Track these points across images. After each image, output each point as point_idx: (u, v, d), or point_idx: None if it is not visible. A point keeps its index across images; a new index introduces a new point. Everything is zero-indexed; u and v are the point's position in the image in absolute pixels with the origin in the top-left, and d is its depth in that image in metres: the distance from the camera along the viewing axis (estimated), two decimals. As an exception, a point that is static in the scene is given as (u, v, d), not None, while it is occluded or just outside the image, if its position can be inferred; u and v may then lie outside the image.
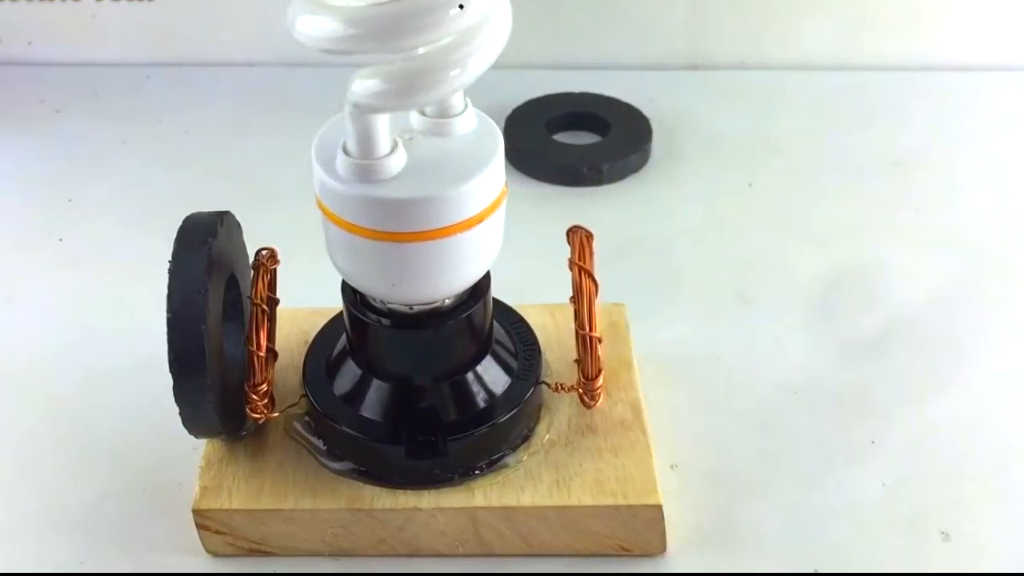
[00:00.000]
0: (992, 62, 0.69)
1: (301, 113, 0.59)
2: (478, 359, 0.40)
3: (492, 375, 0.41)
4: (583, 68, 0.70)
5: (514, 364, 0.41)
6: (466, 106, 0.36)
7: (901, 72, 0.69)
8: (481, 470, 0.39)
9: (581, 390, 0.40)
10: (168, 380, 0.36)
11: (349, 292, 0.39)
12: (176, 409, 0.37)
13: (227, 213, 0.40)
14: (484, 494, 0.39)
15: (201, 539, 0.39)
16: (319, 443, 0.41)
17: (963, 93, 0.67)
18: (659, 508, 0.38)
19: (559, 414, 0.42)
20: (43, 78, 0.70)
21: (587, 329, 0.40)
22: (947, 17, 0.68)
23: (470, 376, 0.40)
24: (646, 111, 0.64)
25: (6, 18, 0.70)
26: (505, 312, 0.44)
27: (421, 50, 0.32)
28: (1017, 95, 0.67)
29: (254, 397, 0.39)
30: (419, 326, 0.38)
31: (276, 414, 0.40)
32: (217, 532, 0.39)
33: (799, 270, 0.53)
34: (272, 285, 0.41)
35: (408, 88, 0.32)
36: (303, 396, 0.41)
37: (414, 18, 0.31)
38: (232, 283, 0.40)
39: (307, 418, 0.42)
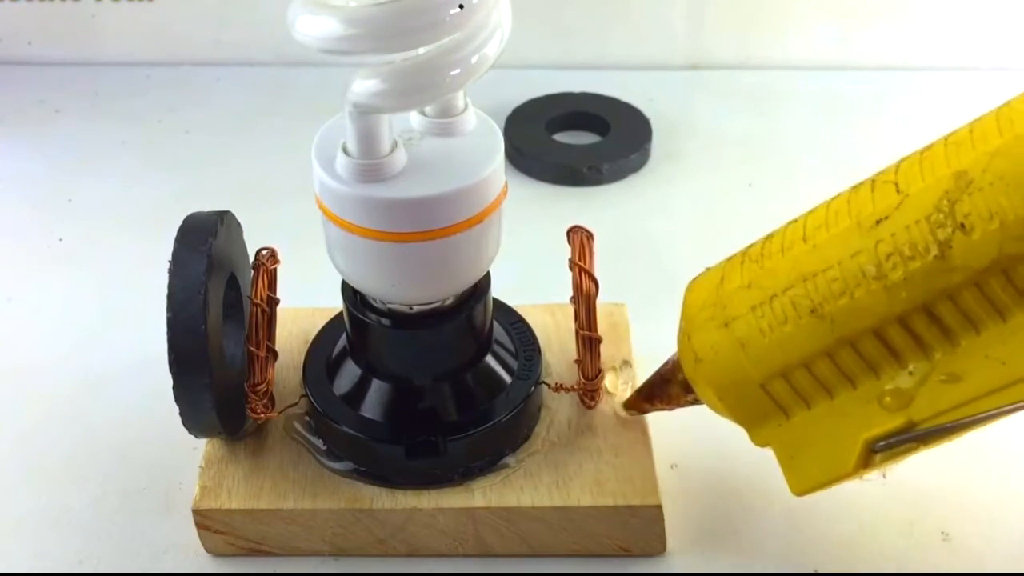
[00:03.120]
0: (992, 62, 0.69)
1: (301, 113, 0.59)
2: (478, 359, 0.40)
3: (492, 375, 0.41)
4: (583, 68, 0.70)
5: (514, 364, 0.41)
6: (466, 106, 0.36)
7: (901, 72, 0.69)
8: (481, 470, 0.39)
9: (581, 390, 0.41)
10: (168, 380, 0.36)
11: (349, 292, 0.39)
12: (176, 409, 0.37)
13: (227, 213, 0.40)
14: (484, 494, 0.39)
15: (201, 539, 0.39)
16: (319, 443, 0.41)
17: (963, 93, 0.67)
18: (659, 508, 0.38)
19: (559, 414, 0.42)
20: (43, 78, 0.70)
21: (587, 329, 0.40)
22: (946, 17, 0.68)
23: (470, 376, 0.40)
24: (646, 111, 0.64)
25: (6, 18, 0.70)
26: (505, 312, 0.44)
27: (421, 50, 0.32)
28: (1017, 95, 0.67)
29: (254, 397, 0.39)
30: (419, 326, 0.38)
31: (276, 414, 0.40)
32: (217, 532, 0.39)
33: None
34: (272, 285, 0.41)
35: (408, 88, 0.32)
36: (303, 396, 0.41)
37: (414, 18, 0.31)
38: (232, 283, 0.40)
39: (307, 418, 0.42)
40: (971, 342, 0.30)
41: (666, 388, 0.39)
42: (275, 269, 0.41)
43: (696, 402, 0.38)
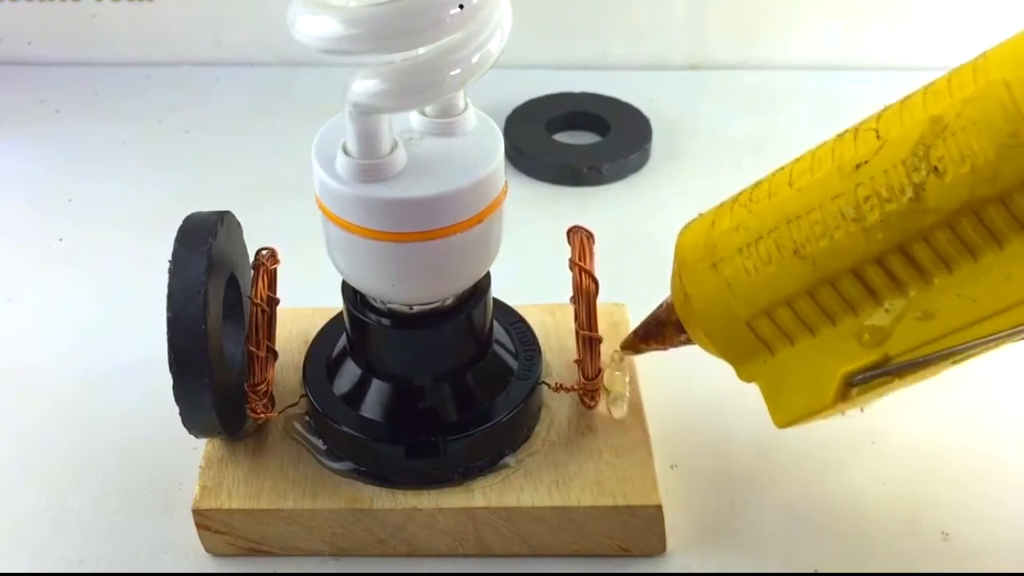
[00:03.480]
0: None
1: (301, 113, 0.59)
2: (478, 359, 0.40)
3: (492, 375, 0.41)
4: (583, 68, 0.70)
5: (514, 364, 0.41)
6: (466, 106, 0.36)
7: (901, 72, 0.69)
8: (481, 470, 0.39)
9: (581, 390, 0.41)
10: (168, 380, 0.36)
11: (349, 292, 0.39)
12: (176, 409, 0.37)
13: (227, 213, 0.40)
14: (484, 494, 0.39)
15: (201, 539, 0.39)
16: (319, 443, 0.41)
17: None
18: (659, 508, 0.38)
19: (559, 414, 0.42)
20: (43, 78, 0.70)
21: (587, 329, 0.40)
22: (947, 17, 0.68)
23: (470, 376, 0.40)
24: (646, 111, 0.64)
25: (6, 18, 0.70)
26: (505, 312, 0.44)
27: (421, 50, 0.32)
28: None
29: (254, 397, 0.39)
30: (419, 326, 0.38)
31: (276, 414, 0.40)
32: (217, 532, 0.39)
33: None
34: (272, 285, 0.41)
35: (408, 88, 0.32)
36: (303, 396, 0.41)
37: (414, 18, 0.31)
38: (232, 283, 0.40)
39: (307, 418, 0.42)
40: (944, 281, 0.31)
41: (660, 329, 0.40)
42: (275, 269, 0.41)
43: (688, 342, 0.39)
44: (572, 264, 0.41)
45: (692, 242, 0.37)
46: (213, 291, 0.37)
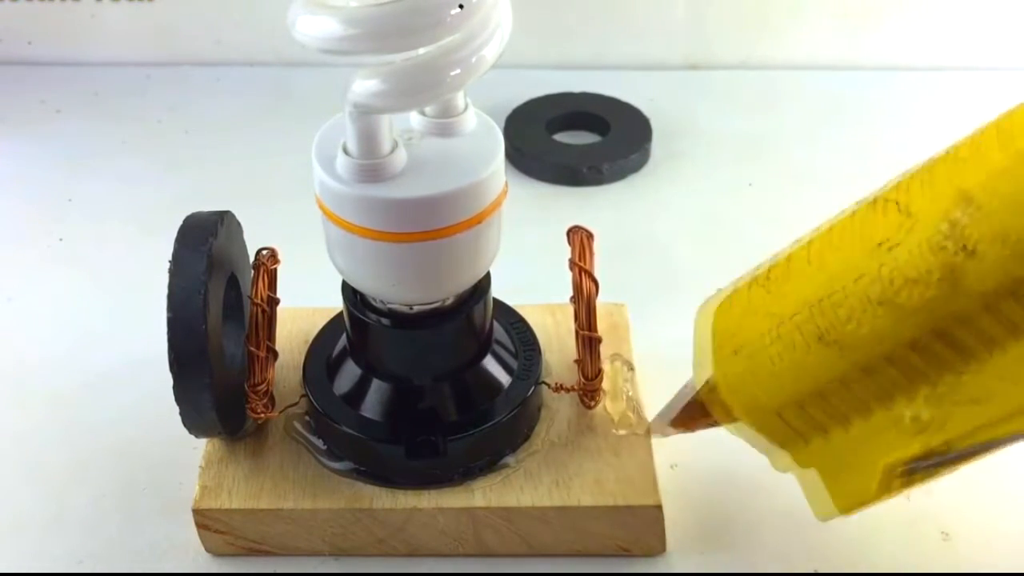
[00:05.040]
0: (994, 62, 0.69)
1: (301, 113, 0.59)
2: (478, 359, 0.40)
3: (492, 375, 0.41)
4: (583, 68, 0.70)
5: (514, 364, 0.41)
6: (466, 106, 0.36)
7: (901, 72, 0.69)
8: (481, 470, 0.39)
9: (581, 390, 0.41)
10: (168, 380, 0.36)
11: (349, 292, 0.39)
12: (176, 409, 0.37)
13: (227, 213, 0.40)
14: (484, 494, 0.39)
15: (201, 539, 0.40)
16: (319, 443, 0.41)
17: (963, 93, 0.67)
18: (659, 508, 0.38)
19: (559, 414, 0.42)
20: (43, 78, 0.70)
21: (587, 329, 0.40)
22: (948, 17, 0.68)
23: (470, 376, 0.40)
24: (646, 111, 0.64)
25: (6, 18, 0.70)
26: (505, 312, 0.44)
27: (422, 50, 0.32)
28: (1017, 96, 0.67)
29: (254, 397, 0.39)
30: (419, 326, 0.38)
31: (276, 414, 0.40)
32: (217, 532, 0.39)
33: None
34: (272, 285, 0.41)
35: (408, 88, 0.32)
36: (303, 396, 0.41)
37: (414, 18, 0.31)
38: (232, 283, 0.40)
39: (307, 418, 0.42)
40: (985, 364, 0.29)
41: (690, 412, 0.38)
42: (275, 269, 0.41)
43: (716, 424, 0.37)
44: (572, 264, 0.41)
45: (710, 325, 0.35)
46: (213, 291, 0.37)
